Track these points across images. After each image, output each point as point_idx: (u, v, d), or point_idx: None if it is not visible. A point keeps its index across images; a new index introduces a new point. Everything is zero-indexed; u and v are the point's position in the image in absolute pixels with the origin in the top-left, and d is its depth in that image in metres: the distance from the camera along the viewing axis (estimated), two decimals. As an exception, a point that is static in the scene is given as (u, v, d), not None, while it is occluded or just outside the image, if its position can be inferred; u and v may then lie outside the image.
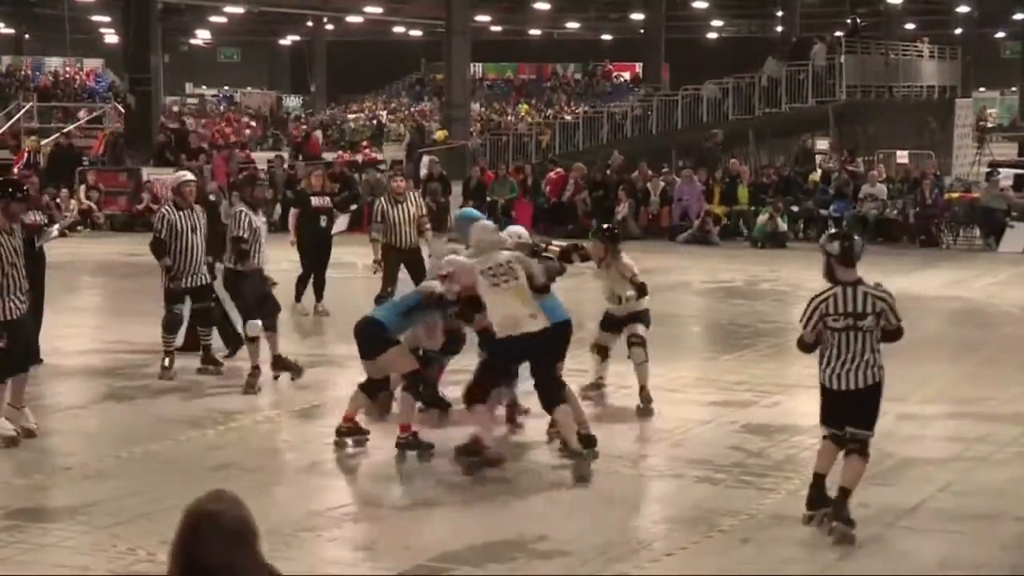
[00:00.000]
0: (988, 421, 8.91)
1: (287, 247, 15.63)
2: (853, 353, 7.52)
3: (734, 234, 24.11)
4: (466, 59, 38.42)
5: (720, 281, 19.05)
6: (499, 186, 26.28)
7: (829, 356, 7.57)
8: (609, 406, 10.79)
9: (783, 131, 31.20)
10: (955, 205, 23.75)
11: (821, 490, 7.75)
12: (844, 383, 7.55)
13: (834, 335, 7.53)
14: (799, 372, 12.00)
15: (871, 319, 7.51)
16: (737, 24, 65.50)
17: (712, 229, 23.88)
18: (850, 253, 7.53)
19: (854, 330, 7.50)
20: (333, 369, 12.34)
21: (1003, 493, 8.40)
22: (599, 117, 36.46)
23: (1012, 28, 63.11)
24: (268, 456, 9.48)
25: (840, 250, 7.53)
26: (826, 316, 7.51)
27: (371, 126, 46.61)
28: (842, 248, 7.53)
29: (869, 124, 33.88)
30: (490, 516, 8.00)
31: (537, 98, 62.24)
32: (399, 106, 58.39)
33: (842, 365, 7.55)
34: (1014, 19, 59.90)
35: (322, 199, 15.63)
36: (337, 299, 15.67)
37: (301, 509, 8.07)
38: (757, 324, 14.84)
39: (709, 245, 23.37)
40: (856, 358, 7.53)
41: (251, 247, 11.48)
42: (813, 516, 7.74)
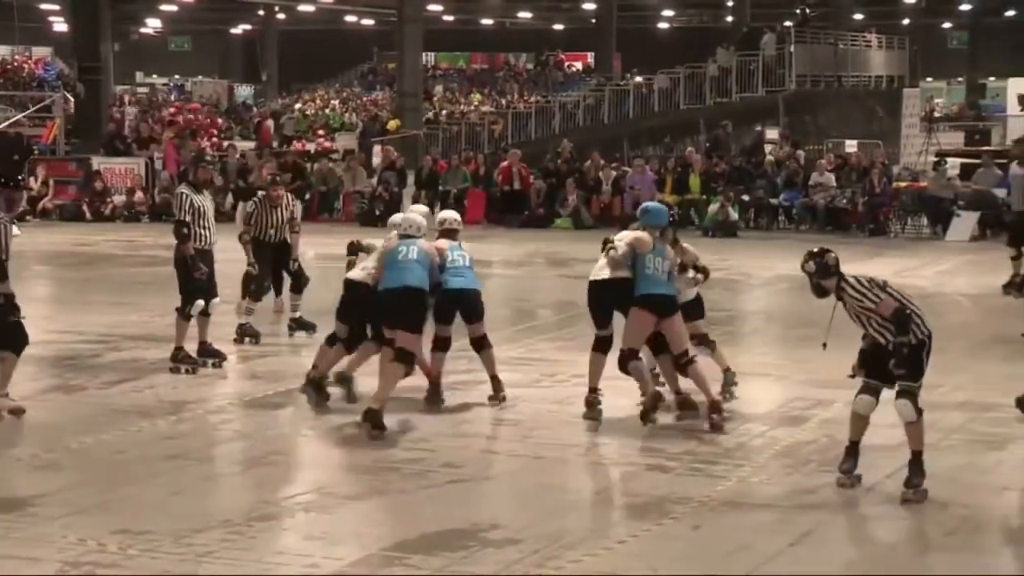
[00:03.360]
0: (935, 408, 8.98)
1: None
2: None
3: (686, 223, 24.16)
4: (418, 48, 38.33)
5: (672, 270, 19.06)
6: (452, 176, 26.25)
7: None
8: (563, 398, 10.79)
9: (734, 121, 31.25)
10: (903, 194, 23.93)
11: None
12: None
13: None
14: (750, 360, 12.07)
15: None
16: (688, 14, 65.69)
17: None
18: (826, 265, 8.34)
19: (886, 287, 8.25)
20: (282, 358, 12.28)
21: (950, 480, 8.46)
22: (551, 107, 36.48)
23: (958, 19, 63.71)
24: (220, 446, 9.43)
25: (816, 267, 8.35)
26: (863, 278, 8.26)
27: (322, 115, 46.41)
28: (817, 264, 8.36)
29: (819, 114, 34.07)
30: (443, 504, 7.99)
31: (490, 88, 62.19)
32: (351, 95, 58.15)
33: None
34: (960, 10, 60.42)
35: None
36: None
37: (253, 499, 8.03)
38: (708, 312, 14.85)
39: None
40: None
41: (192, 229, 11.51)
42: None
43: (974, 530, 7.75)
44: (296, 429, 9.92)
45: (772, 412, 10.29)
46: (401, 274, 9.90)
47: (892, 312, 8.14)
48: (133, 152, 28.30)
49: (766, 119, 32.43)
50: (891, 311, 8.14)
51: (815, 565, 7.05)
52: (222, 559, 6.97)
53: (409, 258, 9.97)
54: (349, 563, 6.96)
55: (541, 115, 35.82)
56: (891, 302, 8.16)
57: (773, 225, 24.31)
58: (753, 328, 14.59)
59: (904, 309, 8.15)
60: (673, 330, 9.78)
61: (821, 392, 10.84)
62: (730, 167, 25.15)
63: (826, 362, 12.07)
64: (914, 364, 8.14)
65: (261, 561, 6.99)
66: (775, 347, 13.64)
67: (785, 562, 7.08)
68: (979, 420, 9.71)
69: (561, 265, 18.06)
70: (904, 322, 8.12)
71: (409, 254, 9.99)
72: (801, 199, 23.92)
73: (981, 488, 8.47)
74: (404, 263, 9.95)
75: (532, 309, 11.31)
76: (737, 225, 23.43)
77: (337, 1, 53.37)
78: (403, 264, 9.95)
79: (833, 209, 23.67)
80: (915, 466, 8.10)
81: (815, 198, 23.78)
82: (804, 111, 33.67)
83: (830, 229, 23.29)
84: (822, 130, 32.36)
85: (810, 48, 33.41)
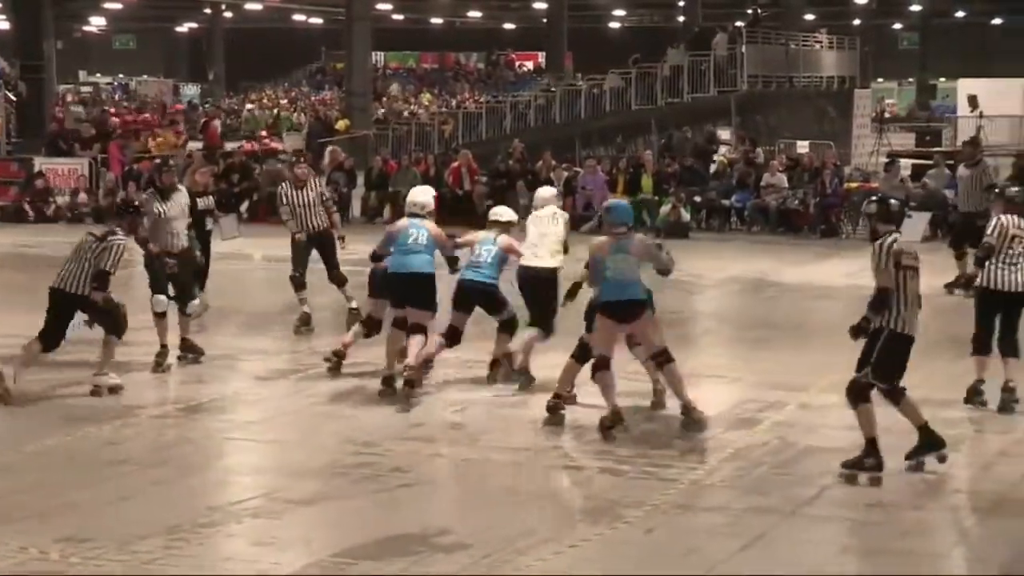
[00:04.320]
0: (888, 410, 9.04)
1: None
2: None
3: (637, 224, 24.19)
4: (367, 48, 38.17)
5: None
6: (402, 176, 26.17)
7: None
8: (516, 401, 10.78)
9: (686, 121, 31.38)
10: (855, 195, 24.06)
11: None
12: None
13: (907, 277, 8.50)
14: (703, 362, 12.11)
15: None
16: (640, 14, 65.90)
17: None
18: (889, 211, 8.68)
19: (914, 271, 8.54)
20: (229, 363, 12.21)
21: (902, 482, 8.53)
22: (502, 107, 36.48)
23: (909, 19, 64.25)
24: (166, 451, 9.35)
25: (877, 209, 8.69)
26: (900, 254, 8.44)
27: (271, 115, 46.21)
28: (880, 208, 8.70)
29: (770, 114, 34.25)
30: (392, 509, 7.97)
31: (440, 87, 62.14)
32: (299, 95, 57.94)
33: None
34: (911, 10, 60.91)
35: (207, 200, 14.36)
36: (236, 292, 15.53)
37: (200, 504, 7.98)
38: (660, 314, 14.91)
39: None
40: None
41: (150, 232, 11.74)
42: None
43: (926, 532, 7.82)
44: (243, 433, 9.86)
45: (724, 414, 10.33)
46: (409, 259, 10.44)
47: (879, 288, 8.48)
48: (76, 152, 28.04)
49: (718, 119, 32.56)
50: (880, 286, 8.48)
51: (767, 568, 7.08)
52: (168, 566, 6.92)
53: (419, 243, 10.50)
54: (297, 569, 6.93)
55: (492, 115, 35.79)
56: (887, 280, 8.46)
57: (725, 226, 24.40)
58: (705, 330, 14.64)
59: (891, 293, 8.43)
60: (642, 332, 9.78)
61: (774, 394, 10.90)
62: (681, 167, 25.22)
63: (779, 364, 12.20)
64: (878, 357, 8.46)
65: (207, 568, 6.94)
66: (728, 349, 13.69)
67: (737, 565, 7.12)
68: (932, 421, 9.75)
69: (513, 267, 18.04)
70: (880, 301, 8.45)
71: (419, 238, 10.52)
72: (753, 200, 24.02)
73: (933, 490, 8.54)
74: (413, 247, 10.47)
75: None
76: (689, 226, 23.49)
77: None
78: (411, 248, 10.42)
79: (785, 210, 23.78)
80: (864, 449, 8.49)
81: (767, 199, 23.88)
82: (756, 111, 33.82)
83: (782, 230, 23.40)
84: (773, 131, 32.51)
85: (761, 48, 33.56)
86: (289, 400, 10.79)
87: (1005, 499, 8.35)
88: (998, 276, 10.40)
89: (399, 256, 10.59)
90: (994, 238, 10.40)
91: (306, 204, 13.74)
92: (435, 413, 10.33)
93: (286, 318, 14.10)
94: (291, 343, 13.21)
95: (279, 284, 14.55)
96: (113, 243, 10.67)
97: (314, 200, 13.78)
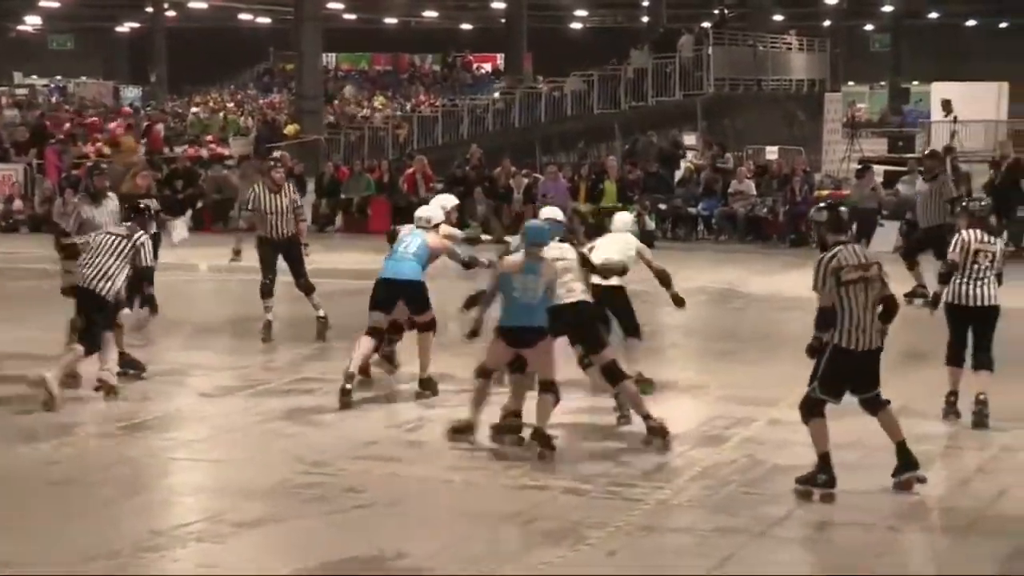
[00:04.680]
0: (859, 426, 9.10)
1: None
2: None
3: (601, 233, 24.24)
4: (318, 48, 38.14)
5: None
6: (354, 183, 26.16)
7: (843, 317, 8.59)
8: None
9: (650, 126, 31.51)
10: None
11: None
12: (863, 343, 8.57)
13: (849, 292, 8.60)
14: (669, 376, 12.15)
15: (875, 269, 8.69)
16: (602, 14, 66.14)
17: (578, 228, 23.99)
18: (839, 220, 8.90)
19: (862, 282, 8.60)
20: (174, 378, 12.15)
21: (874, 501, 8.58)
22: (458, 110, 36.51)
23: (880, 20, 64.68)
24: (107, 471, 9.29)
25: (828, 217, 8.90)
26: (839, 270, 8.58)
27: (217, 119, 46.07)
28: (830, 216, 8.91)
29: (738, 118, 34.42)
30: (345, 531, 7.95)
31: (394, 90, 62.13)
32: (246, 98, 57.79)
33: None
34: (882, 11, 61.33)
35: (147, 202, 15.17)
36: (182, 304, 15.45)
37: (142, 528, 7.93)
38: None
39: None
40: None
41: (77, 240, 11.76)
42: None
43: (901, 552, 7.87)
44: (188, 452, 9.82)
45: (691, 431, 10.37)
46: (397, 265, 11.20)
47: (819, 307, 8.75)
48: (11, 158, 27.86)
49: (683, 124, 32.71)
50: (820, 306, 8.74)
51: (737, 591, 7.11)
52: (109, 593, 6.88)
53: (408, 251, 11.21)
54: (245, 595, 6.90)
55: (448, 119, 35.83)
56: (827, 299, 8.69)
57: (692, 235, 24.49)
58: (671, 342, 14.69)
59: (831, 311, 8.63)
60: (535, 360, 9.72)
61: (742, 409, 10.95)
62: (646, 174, 25.30)
63: (747, 378, 12.26)
64: (822, 371, 8.63)
65: (151, 595, 6.91)
66: (694, 362, 13.75)
67: (706, 588, 7.13)
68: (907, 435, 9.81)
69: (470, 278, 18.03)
70: (823, 320, 8.71)
71: (410, 247, 11.23)
72: (720, 208, 24.13)
73: (908, 508, 8.58)
74: (402, 255, 11.23)
75: (442, 320, 11.37)
76: (654, 235, 23.56)
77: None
78: (400, 256, 11.24)
79: (753, 218, 23.89)
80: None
81: (735, 207, 23.99)
82: (723, 115, 34.00)
83: (751, 239, 23.51)
84: (741, 135, 32.67)
85: (728, 50, 33.76)
86: (236, 417, 10.75)
87: (983, 516, 8.41)
88: (965, 291, 10.63)
89: (389, 262, 11.31)
90: (956, 254, 10.64)
91: (278, 210, 13.95)
92: (390, 430, 10.33)
93: (234, 331, 14.06)
94: (239, 357, 13.17)
95: (226, 295, 14.55)
96: (143, 240, 11.34)
97: (287, 207, 14.00)
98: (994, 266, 10.67)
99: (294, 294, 14.26)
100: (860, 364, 8.64)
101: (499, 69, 60.21)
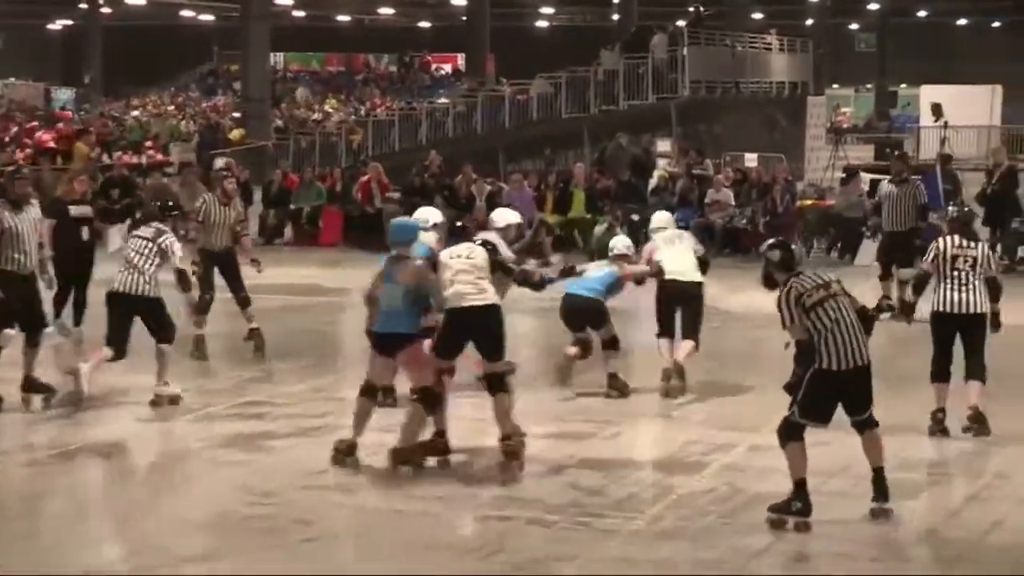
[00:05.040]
0: (847, 452, 9.13)
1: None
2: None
3: (569, 245, 24.30)
4: (265, 48, 38.15)
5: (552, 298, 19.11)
6: (305, 192, 26.12)
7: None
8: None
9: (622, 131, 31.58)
10: (808, 213, 24.30)
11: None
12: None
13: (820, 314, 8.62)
14: (643, 400, 12.16)
15: (836, 285, 8.76)
16: (570, 12, 66.34)
17: (545, 241, 24.03)
18: (791, 260, 8.91)
19: (831, 299, 8.67)
20: (110, 402, 12.08)
21: (859, 531, 8.60)
22: (417, 114, 36.54)
23: (866, 18, 64.92)
24: (36, 502, 9.24)
25: (781, 256, 8.88)
26: (800, 298, 8.63)
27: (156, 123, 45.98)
28: (783, 256, 8.89)
29: (715, 123, 34.54)
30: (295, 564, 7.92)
31: (347, 93, 62.13)
32: (188, 101, 57.68)
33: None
34: (868, 9, 61.52)
35: (82, 208, 15.37)
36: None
37: (75, 563, 7.88)
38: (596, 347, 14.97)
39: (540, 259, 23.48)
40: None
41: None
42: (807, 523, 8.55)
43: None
44: (126, 482, 9.77)
45: (667, 457, 10.38)
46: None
47: (796, 342, 8.75)
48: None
49: (657, 129, 32.81)
50: (795, 340, 8.73)
51: (715, 628, 7.11)
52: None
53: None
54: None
55: (406, 124, 35.86)
56: (799, 332, 8.66)
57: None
58: (644, 363, 14.69)
59: (809, 342, 8.63)
60: (405, 365, 10.02)
61: (722, 435, 10.96)
62: (617, 183, 25.34)
63: (727, 401, 12.28)
64: (802, 395, 8.67)
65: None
66: (669, 384, 13.76)
67: (681, 626, 7.13)
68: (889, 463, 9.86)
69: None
70: (803, 355, 8.78)
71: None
72: (696, 219, 24.19)
73: (894, 540, 8.61)
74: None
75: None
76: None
77: (172, -7, 52.92)
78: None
79: (732, 230, 23.97)
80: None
81: (712, 217, 24.06)
82: (699, 120, 34.12)
83: (728, 251, 23.57)
84: (719, 142, 32.77)
85: (705, 51, 33.88)
86: (178, 444, 10.71)
87: (974, 548, 8.44)
88: (949, 298, 10.81)
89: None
90: (929, 264, 10.92)
91: (223, 223, 14.16)
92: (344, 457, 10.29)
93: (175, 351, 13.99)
94: (180, 380, 13.09)
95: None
96: (171, 241, 11.92)
97: (233, 220, 14.25)
98: (977, 271, 10.79)
99: (232, 310, 14.27)
100: (847, 383, 8.68)
101: (460, 70, 60.30)
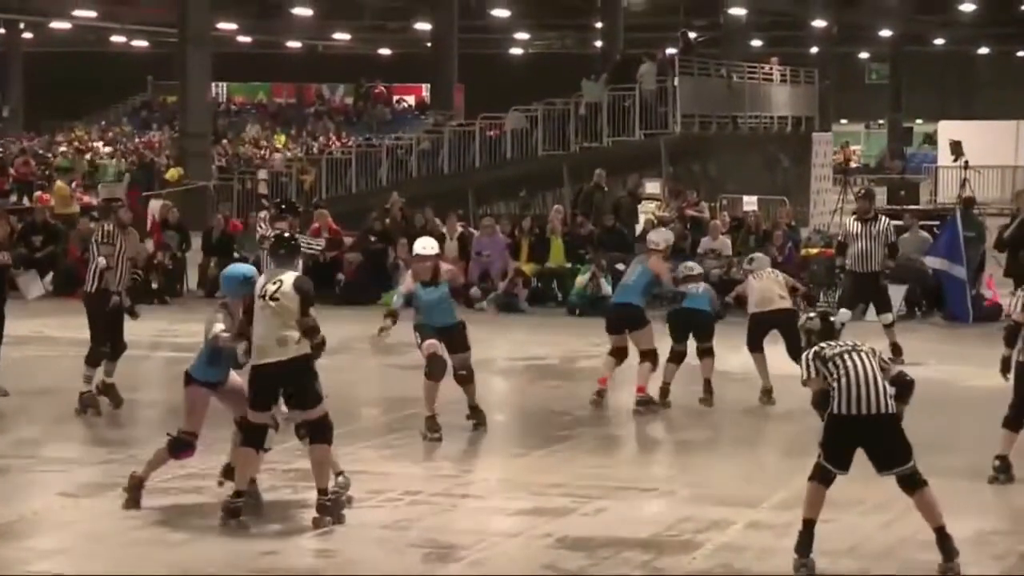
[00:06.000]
0: (858, 528, 9.13)
1: None
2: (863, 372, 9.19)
3: (546, 298, 24.32)
4: (206, 77, 38.20)
5: (530, 357, 19.17)
6: (249, 239, 26.07)
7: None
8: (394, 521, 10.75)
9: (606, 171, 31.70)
10: (814, 263, 24.34)
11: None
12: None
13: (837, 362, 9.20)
14: (630, 473, 12.15)
15: (865, 346, 9.39)
16: (547, 38, 66.67)
17: (519, 292, 24.06)
18: (831, 331, 9.66)
19: (853, 351, 9.25)
20: (28, 474, 12.03)
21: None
22: (376, 152, 36.60)
23: (878, 47, 65.06)
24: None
25: (822, 327, 9.69)
26: (821, 352, 9.29)
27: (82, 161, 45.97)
28: (824, 326, 9.70)
29: (709, 162, 34.68)
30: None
31: (298, 128, 62.22)
32: (120, 136, 57.68)
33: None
34: (880, 36, 61.67)
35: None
36: (37, 385, 15.35)
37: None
38: (576, 411, 14.95)
39: (515, 312, 23.53)
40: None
41: None
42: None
43: None
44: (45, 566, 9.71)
45: (656, 537, 10.35)
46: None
47: (814, 392, 9.38)
48: None
49: (645, 169, 32.90)
50: (814, 391, 9.37)
51: None
52: None
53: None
54: None
55: (364, 162, 35.91)
56: (817, 384, 9.29)
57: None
58: (630, 429, 14.70)
59: (827, 393, 9.20)
60: (225, 401, 10.93)
61: (717, 511, 10.94)
62: (600, 228, 25.38)
63: (722, 473, 12.27)
64: (823, 438, 9.28)
65: None
66: (659, 454, 13.75)
67: None
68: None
69: (389, 352, 17.98)
70: (820, 403, 9.31)
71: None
72: (689, 269, 24.22)
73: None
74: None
75: (354, 408, 11.30)
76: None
77: (101, 17, 52.87)
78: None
79: (729, 281, 23.99)
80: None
81: (706, 267, 24.11)
82: (692, 159, 34.26)
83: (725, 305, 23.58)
84: (714, 183, 32.89)
85: (698, 81, 34.06)
86: (106, 522, 10.63)
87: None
88: None
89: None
90: (1020, 313, 11.67)
91: (124, 256, 14.46)
92: (295, 537, 10.24)
93: (102, 417, 13.97)
94: (107, 449, 13.06)
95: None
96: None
97: (132, 255, 14.60)
98: None
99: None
100: (865, 431, 9.03)
101: (424, 103, 60.52)
